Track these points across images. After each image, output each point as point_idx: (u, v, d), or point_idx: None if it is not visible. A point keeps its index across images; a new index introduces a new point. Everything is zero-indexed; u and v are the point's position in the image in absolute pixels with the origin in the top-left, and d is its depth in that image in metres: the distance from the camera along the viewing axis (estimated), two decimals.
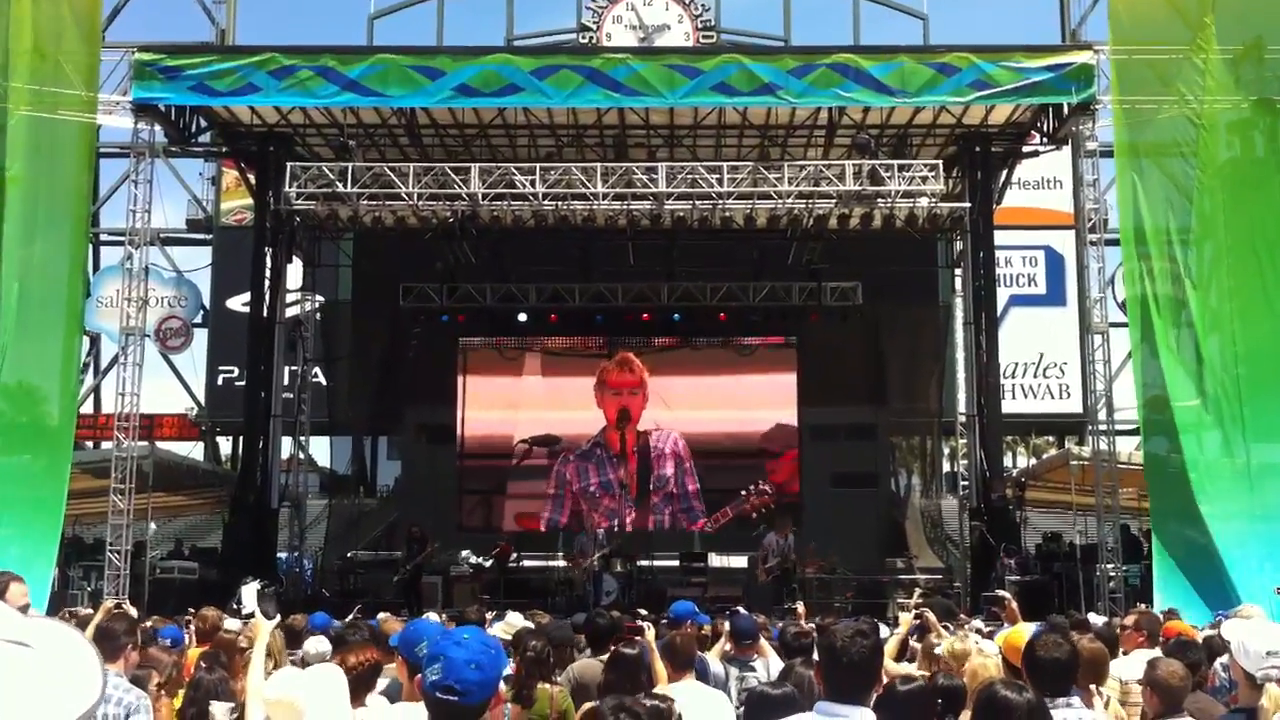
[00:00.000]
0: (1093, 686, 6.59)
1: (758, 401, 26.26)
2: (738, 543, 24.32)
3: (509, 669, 7.48)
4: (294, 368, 25.30)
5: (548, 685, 6.96)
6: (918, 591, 17.56)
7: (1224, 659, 6.39)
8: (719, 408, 26.15)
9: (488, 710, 3.22)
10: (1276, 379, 18.68)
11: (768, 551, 21.69)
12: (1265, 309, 18.93)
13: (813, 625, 9.60)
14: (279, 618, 8.64)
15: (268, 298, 23.51)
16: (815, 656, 7.29)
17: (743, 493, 24.73)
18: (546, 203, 21.31)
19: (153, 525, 21.83)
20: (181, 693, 6.87)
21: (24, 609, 5.98)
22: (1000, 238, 25.25)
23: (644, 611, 12.89)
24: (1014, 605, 10.10)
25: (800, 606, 13.25)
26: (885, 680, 4.36)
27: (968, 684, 5.94)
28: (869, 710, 3.75)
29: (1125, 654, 8.14)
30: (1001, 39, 21.06)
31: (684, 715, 4.99)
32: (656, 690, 6.16)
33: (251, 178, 24.30)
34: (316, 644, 7.72)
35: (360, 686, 5.25)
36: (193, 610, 10.92)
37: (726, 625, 8.75)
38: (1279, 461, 18.29)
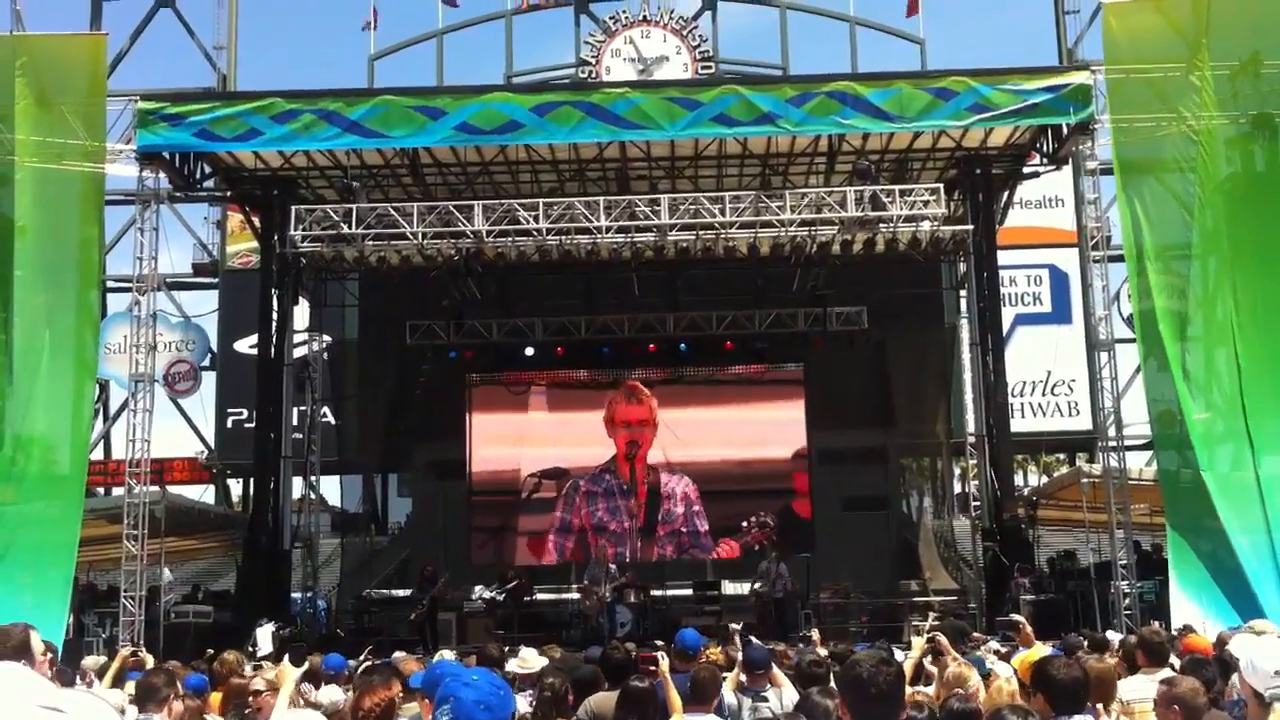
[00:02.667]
0: (1099, 706, 6.65)
1: (766, 428, 26.28)
2: (751, 571, 24.27)
3: (527, 707, 7.52)
4: (303, 408, 25.38)
5: None
6: (932, 615, 17.57)
7: (1237, 677, 6.40)
8: (728, 436, 26.18)
9: None
10: (1276, 390, 18.71)
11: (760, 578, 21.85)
12: (1266, 323, 18.97)
13: (826, 653, 9.60)
14: (307, 664, 8.68)
15: (275, 339, 23.63)
16: (832, 684, 7.34)
17: (744, 524, 24.63)
18: (550, 237, 21.41)
19: (167, 571, 21.84)
20: None
21: (51, 661, 6.09)
22: (1004, 257, 25.31)
23: (660, 643, 12.89)
24: (1028, 629, 10.13)
25: (815, 633, 13.25)
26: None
27: (984, 708, 5.96)
28: None
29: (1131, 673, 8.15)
30: (998, 61, 21.30)
31: None
32: None
33: (256, 221, 24.42)
34: (330, 693, 7.75)
35: None
36: (211, 652, 10.98)
37: (739, 655, 8.77)
38: None
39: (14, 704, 1.77)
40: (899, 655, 9.33)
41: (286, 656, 7.60)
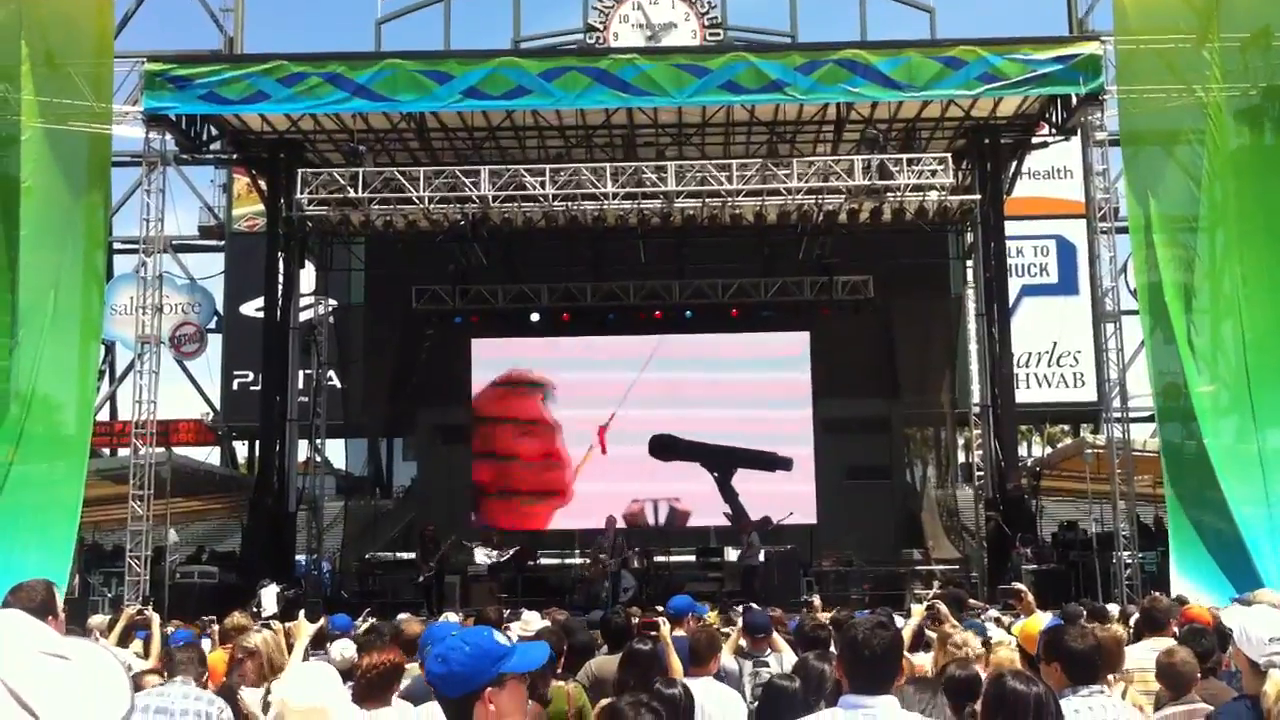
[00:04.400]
0: (1111, 676, 6.69)
1: (770, 397, 26.28)
2: (761, 537, 24.30)
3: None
4: (308, 371, 25.43)
5: (564, 684, 7.05)
6: (936, 584, 17.66)
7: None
8: (732, 404, 26.18)
9: (474, 711, 3.22)
10: None
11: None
12: (1272, 295, 18.94)
13: (827, 618, 9.66)
14: (323, 620, 8.76)
15: (281, 303, 23.66)
16: (833, 649, 7.40)
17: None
18: (557, 203, 21.42)
19: (173, 532, 21.95)
20: None
21: (67, 619, 6.18)
22: (1011, 228, 25.26)
23: (661, 609, 12.97)
24: (1029, 597, 10.17)
25: (816, 599, 13.32)
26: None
27: (988, 675, 6.00)
28: (893, 698, 3.83)
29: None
30: (1009, 30, 21.24)
31: (697, 710, 5.06)
32: None
33: (263, 184, 24.41)
34: (342, 648, 7.81)
35: (376, 688, 5.33)
36: (215, 615, 11.06)
37: (739, 620, 8.84)
38: None
39: (17, 650, 1.79)
40: (899, 622, 9.39)
41: (302, 612, 7.65)
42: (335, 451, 30.30)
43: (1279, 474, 18.07)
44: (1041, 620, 8.67)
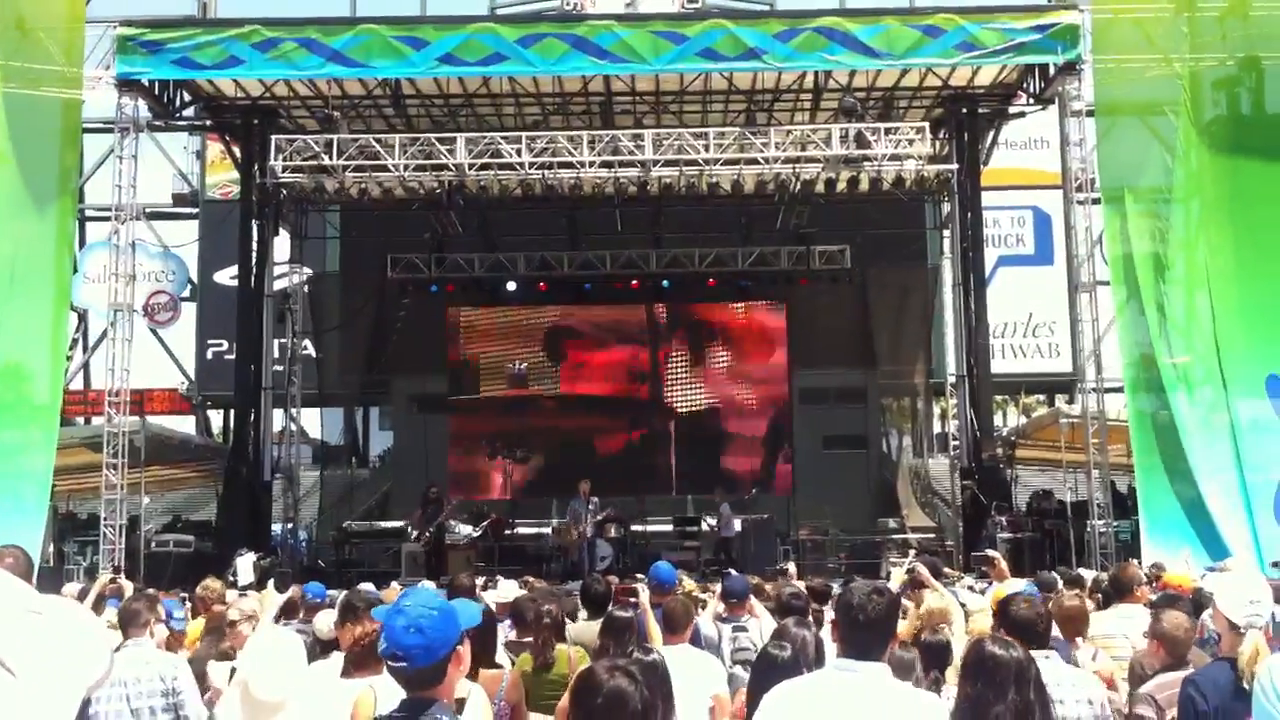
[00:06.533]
0: (1077, 640, 6.76)
1: (747, 366, 26.33)
2: (733, 506, 24.37)
3: (509, 635, 7.58)
4: (283, 340, 25.29)
5: (566, 647, 7.11)
6: (911, 553, 17.74)
7: (1210, 611, 6.48)
8: (708, 373, 26.23)
9: (447, 672, 3.27)
10: (1249, 334, 18.81)
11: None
12: (1243, 265, 19.00)
13: (803, 585, 9.68)
14: (291, 591, 8.73)
15: (255, 271, 23.45)
16: (811, 616, 7.42)
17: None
18: (533, 171, 21.28)
19: (147, 499, 21.83)
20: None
21: None
22: (988, 199, 25.21)
23: (641, 576, 12.99)
24: (1003, 564, 10.22)
25: (792, 567, 13.36)
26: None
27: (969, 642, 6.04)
28: (884, 665, 3.83)
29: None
30: None
31: (675, 677, 5.05)
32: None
33: (236, 151, 24.19)
34: (327, 619, 7.79)
35: (366, 658, 5.29)
36: (184, 594, 10.98)
37: (718, 587, 8.86)
38: (1259, 414, 18.43)
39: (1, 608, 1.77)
40: None
41: (271, 582, 7.63)
42: (311, 421, 30.23)
43: (1250, 443, 18.18)
44: (1015, 587, 8.71)
